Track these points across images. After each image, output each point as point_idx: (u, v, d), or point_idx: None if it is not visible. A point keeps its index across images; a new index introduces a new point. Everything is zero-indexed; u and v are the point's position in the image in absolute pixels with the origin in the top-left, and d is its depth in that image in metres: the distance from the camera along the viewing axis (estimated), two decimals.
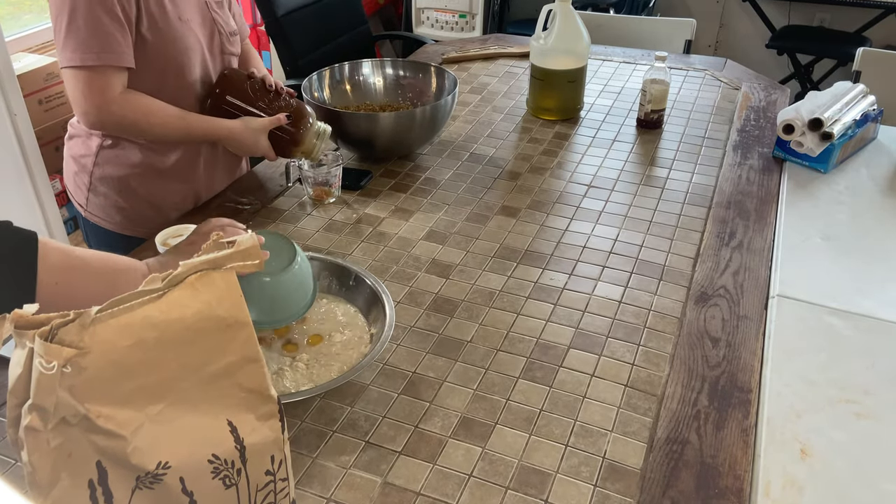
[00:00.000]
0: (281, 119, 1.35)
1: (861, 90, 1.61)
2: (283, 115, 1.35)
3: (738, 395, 0.98)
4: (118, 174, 1.38)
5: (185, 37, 1.30)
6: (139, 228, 1.42)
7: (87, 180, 1.40)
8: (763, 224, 1.36)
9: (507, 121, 1.78)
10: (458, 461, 0.88)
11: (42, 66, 2.68)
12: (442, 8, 3.68)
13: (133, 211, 1.42)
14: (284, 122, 1.35)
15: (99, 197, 1.41)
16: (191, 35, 1.31)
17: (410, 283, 1.19)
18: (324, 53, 2.67)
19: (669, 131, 1.72)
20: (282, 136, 1.36)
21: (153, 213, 1.42)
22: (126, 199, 1.40)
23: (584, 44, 1.71)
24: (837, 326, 1.09)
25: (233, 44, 1.43)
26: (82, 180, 1.41)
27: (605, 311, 1.13)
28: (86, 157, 1.39)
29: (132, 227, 1.43)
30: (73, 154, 1.42)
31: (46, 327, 0.57)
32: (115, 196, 1.40)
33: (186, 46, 1.30)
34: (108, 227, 1.44)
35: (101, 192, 1.40)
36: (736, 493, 0.84)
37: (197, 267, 0.63)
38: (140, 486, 0.61)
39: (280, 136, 1.36)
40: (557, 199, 1.44)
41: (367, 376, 1.01)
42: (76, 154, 1.41)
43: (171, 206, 1.43)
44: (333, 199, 1.42)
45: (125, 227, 1.43)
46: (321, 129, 1.39)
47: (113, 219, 1.43)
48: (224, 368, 0.65)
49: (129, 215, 1.42)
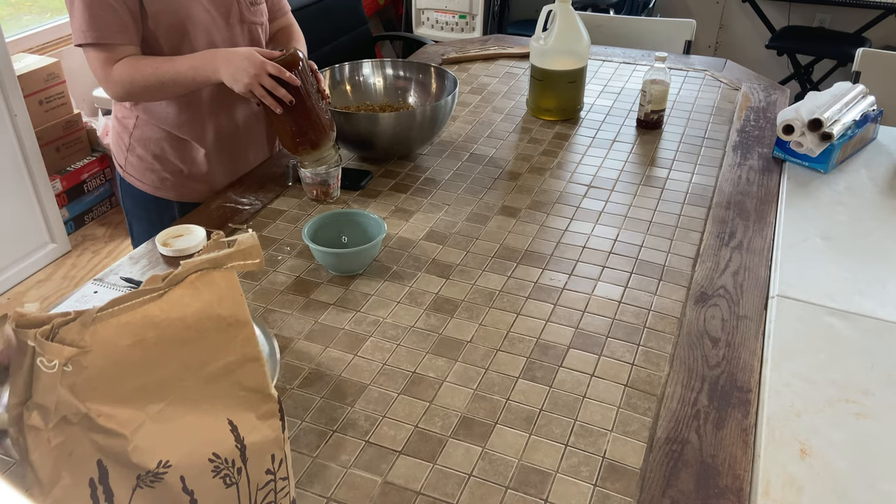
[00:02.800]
0: (273, 54, 1.30)
1: (861, 91, 1.61)
2: (277, 52, 1.31)
3: (738, 395, 0.98)
4: (154, 136, 1.46)
5: (188, 6, 1.33)
6: (170, 192, 1.51)
7: (126, 141, 1.48)
8: (763, 224, 1.36)
9: (507, 121, 1.78)
10: (458, 461, 0.88)
11: (42, 67, 2.68)
12: (442, 9, 3.68)
13: (166, 174, 1.49)
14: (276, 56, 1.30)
15: (135, 157, 1.49)
16: (194, 5, 1.34)
17: (410, 283, 1.19)
18: (324, 54, 2.67)
19: (669, 132, 1.72)
20: (303, 134, 1.34)
21: (185, 180, 1.50)
22: (160, 162, 1.48)
23: (584, 44, 1.71)
24: (837, 326, 1.09)
25: (255, 13, 1.45)
26: (123, 141, 1.49)
27: (605, 311, 1.13)
28: (127, 119, 1.47)
29: (164, 190, 1.51)
30: (117, 115, 1.50)
31: (47, 326, 0.57)
32: (150, 159, 1.48)
33: (189, 15, 1.34)
34: (142, 189, 1.51)
35: (137, 153, 1.48)
36: (736, 493, 0.85)
37: (197, 266, 0.63)
38: (141, 485, 0.61)
39: (301, 133, 1.34)
40: (557, 199, 1.44)
41: (367, 376, 1.01)
42: (119, 115, 1.49)
43: (202, 178, 1.50)
44: (333, 199, 1.42)
45: (158, 188, 1.51)
46: (335, 152, 1.39)
47: (147, 179, 1.50)
48: (224, 367, 0.65)
49: (162, 177, 1.49)
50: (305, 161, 1.38)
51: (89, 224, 2.96)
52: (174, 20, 1.32)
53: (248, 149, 1.56)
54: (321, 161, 1.38)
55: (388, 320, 1.11)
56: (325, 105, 1.39)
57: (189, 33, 1.34)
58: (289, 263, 1.24)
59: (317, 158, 1.37)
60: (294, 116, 1.32)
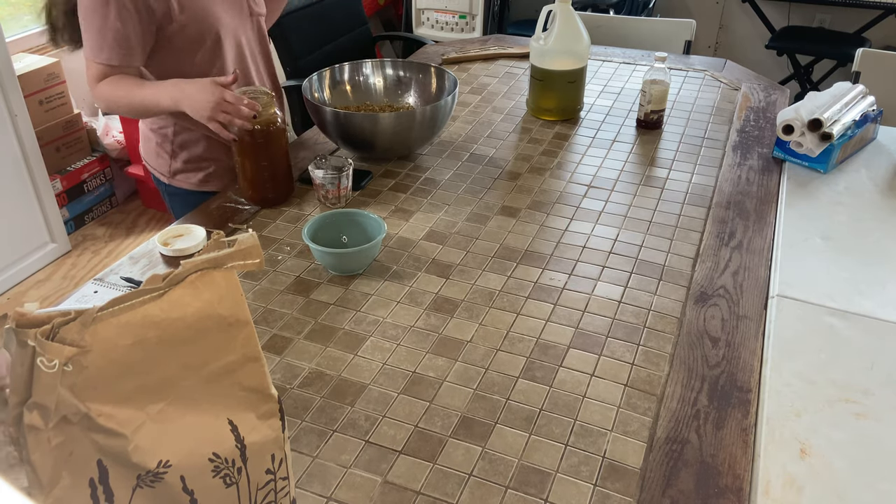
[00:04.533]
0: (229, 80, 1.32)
1: (860, 91, 1.61)
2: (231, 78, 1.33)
3: (738, 395, 0.98)
4: (194, 137, 1.52)
5: (213, 11, 1.40)
6: (215, 182, 1.57)
7: (169, 149, 1.54)
8: (763, 224, 1.36)
9: (507, 121, 1.78)
10: (458, 461, 0.88)
11: (42, 67, 2.68)
12: (442, 9, 3.68)
13: (212, 169, 1.56)
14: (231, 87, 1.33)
15: (180, 162, 1.55)
16: (217, 9, 1.40)
17: (410, 283, 1.19)
18: (324, 54, 2.67)
19: (669, 132, 1.72)
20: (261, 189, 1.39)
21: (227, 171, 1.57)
22: (206, 160, 1.54)
23: (584, 44, 1.71)
24: (837, 326, 1.09)
25: (259, 5, 1.53)
26: (165, 149, 1.54)
27: (605, 311, 1.13)
28: (165, 128, 1.52)
29: (215, 183, 1.57)
30: (152, 127, 1.54)
31: (48, 326, 0.57)
32: (197, 160, 1.54)
33: (217, 18, 1.40)
34: (191, 188, 1.57)
35: (182, 158, 1.54)
36: (735, 493, 0.85)
37: (198, 266, 0.63)
38: (141, 485, 0.61)
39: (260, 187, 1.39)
40: (557, 199, 1.44)
41: (367, 376, 1.01)
42: (155, 126, 1.53)
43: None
44: (342, 203, 1.41)
45: (205, 183, 1.57)
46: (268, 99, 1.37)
47: (195, 179, 1.56)
48: (225, 367, 0.65)
49: (208, 173, 1.56)
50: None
51: (89, 224, 2.96)
52: (204, 27, 1.39)
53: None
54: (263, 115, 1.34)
55: (388, 320, 1.11)
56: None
57: (221, 38, 1.42)
58: (289, 263, 1.24)
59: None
60: (257, 167, 1.36)
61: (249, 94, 1.32)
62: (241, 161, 1.36)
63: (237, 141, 1.32)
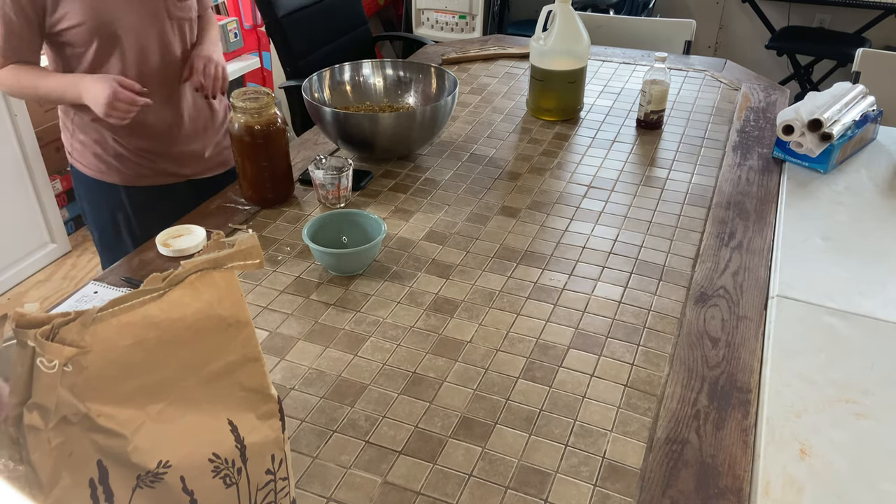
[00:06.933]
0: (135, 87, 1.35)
1: (860, 91, 1.61)
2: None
3: (738, 395, 0.98)
4: (91, 117, 1.47)
5: (114, 11, 1.37)
6: (114, 175, 1.53)
7: (69, 126, 1.52)
8: (763, 224, 1.36)
9: (507, 121, 1.78)
10: (458, 461, 0.88)
11: None
12: (442, 9, 3.68)
13: (108, 156, 1.52)
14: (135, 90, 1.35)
15: (77, 141, 1.52)
16: (122, 9, 1.37)
17: (410, 283, 1.19)
18: (324, 54, 2.67)
19: (669, 132, 1.72)
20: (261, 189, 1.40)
21: (126, 162, 1.52)
22: (101, 146, 1.51)
23: (584, 44, 1.71)
24: (837, 326, 1.09)
25: (182, 9, 1.48)
26: (66, 125, 1.53)
27: (605, 312, 1.13)
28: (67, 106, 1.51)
29: (109, 174, 1.53)
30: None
31: (48, 326, 0.57)
32: (91, 143, 1.51)
33: (117, 18, 1.37)
34: (87, 173, 1.54)
35: (79, 138, 1.52)
36: (735, 493, 0.85)
37: (197, 266, 0.63)
38: (141, 485, 0.61)
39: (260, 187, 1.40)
40: (557, 199, 1.44)
41: (367, 376, 1.01)
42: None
43: (141, 156, 1.53)
44: (342, 203, 1.41)
45: (103, 173, 1.53)
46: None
47: (90, 163, 1.53)
48: (224, 367, 0.65)
49: (104, 160, 1.52)
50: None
51: None
52: (94, 24, 1.36)
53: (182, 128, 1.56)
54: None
55: (388, 320, 1.11)
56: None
57: (121, 38, 1.39)
58: (289, 263, 1.24)
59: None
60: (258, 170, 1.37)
61: (249, 94, 1.32)
62: (241, 161, 1.36)
63: (237, 141, 1.32)
